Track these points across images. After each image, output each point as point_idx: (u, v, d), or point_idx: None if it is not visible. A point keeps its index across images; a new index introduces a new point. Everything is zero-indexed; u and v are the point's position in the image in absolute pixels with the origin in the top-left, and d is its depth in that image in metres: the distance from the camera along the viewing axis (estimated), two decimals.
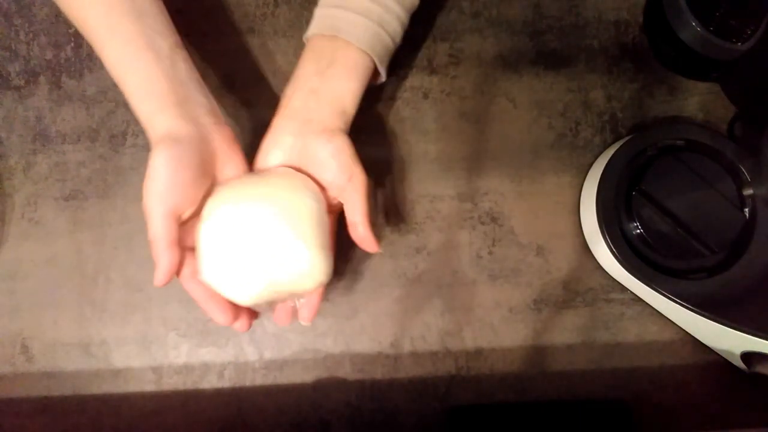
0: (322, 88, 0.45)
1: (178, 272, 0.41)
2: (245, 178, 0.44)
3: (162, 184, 0.39)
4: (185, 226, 0.42)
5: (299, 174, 0.45)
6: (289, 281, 0.41)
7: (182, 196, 0.40)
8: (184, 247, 0.41)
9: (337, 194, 0.45)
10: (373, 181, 0.54)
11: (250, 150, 0.54)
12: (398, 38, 0.48)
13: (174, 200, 0.39)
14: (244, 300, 0.41)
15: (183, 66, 0.42)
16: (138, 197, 0.48)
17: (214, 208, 0.41)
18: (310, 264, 0.41)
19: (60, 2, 0.43)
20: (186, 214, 0.41)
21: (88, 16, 0.41)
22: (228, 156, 0.43)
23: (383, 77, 0.49)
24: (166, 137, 0.40)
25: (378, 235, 0.53)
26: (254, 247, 0.40)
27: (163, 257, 0.39)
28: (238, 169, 0.44)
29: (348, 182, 0.44)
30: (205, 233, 0.41)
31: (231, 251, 0.40)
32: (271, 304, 0.45)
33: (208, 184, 0.42)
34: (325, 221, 0.44)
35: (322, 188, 0.45)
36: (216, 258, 0.40)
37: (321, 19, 0.47)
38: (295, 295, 0.44)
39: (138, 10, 0.41)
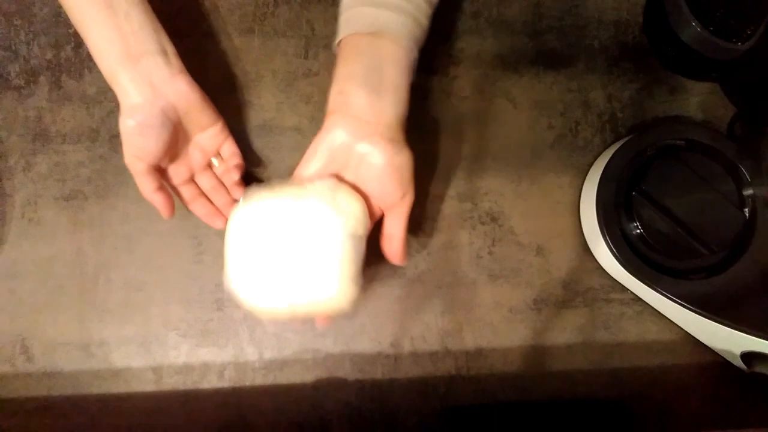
0: (383, 88, 0.43)
1: (173, 208, 0.47)
2: (287, 186, 0.43)
3: (132, 148, 0.45)
4: (170, 170, 0.48)
5: (347, 191, 0.43)
6: (312, 304, 0.42)
7: (152, 153, 0.45)
8: (174, 185, 0.49)
9: (383, 206, 0.46)
10: None
11: (249, 151, 0.54)
12: (427, 34, 0.47)
13: (147, 158, 0.45)
14: (263, 314, 0.43)
15: (137, 17, 0.43)
16: (138, 197, 0.48)
17: (248, 214, 0.42)
18: (337, 293, 0.42)
19: None
20: (163, 163, 0.47)
21: None
22: (186, 104, 0.46)
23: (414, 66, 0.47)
24: (125, 107, 0.44)
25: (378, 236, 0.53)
26: (283, 266, 0.41)
27: (154, 200, 0.46)
28: (198, 111, 0.47)
29: (400, 200, 0.45)
30: (234, 240, 0.42)
31: (259, 265, 0.41)
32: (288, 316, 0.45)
33: (173, 135, 0.46)
34: (362, 248, 0.44)
35: (366, 197, 0.45)
36: (242, 269, 0.42)
37: (356, 18, 0.45)
38: (314, 313, 0.44)
39: None
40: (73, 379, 0.51)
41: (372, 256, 0.53)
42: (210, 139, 0.49)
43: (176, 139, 0.47)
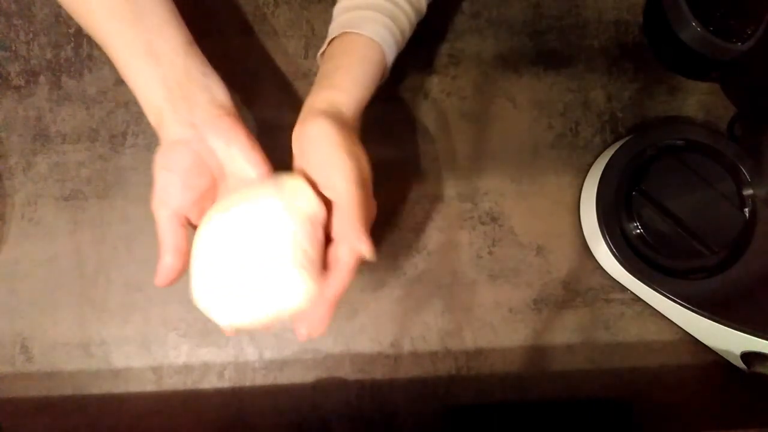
0: (332, 79, 0.43)
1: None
2: (244, 188, 0.41)
3: (159, 187, 0.40)
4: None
5: (289, 175, 0.42)
6: (276, 308, 0.39)
7: (180, 199, 0.40)
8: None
9: (330, 197, 0.41)
10: (374, 181, 0.54)
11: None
12: (406, 33, 0.47)
13: (173, 203, 0.40)
14: (227, 326, 0.39)
15: (182, 62, 0.41)
16: (138, 197, 0.48)
17: (205, 219, 0.40)
18: (290, 288, 0.38)
19: (65, 5, 0.43)
20: (193, 217, 0.41)
21: (91, 20, 0.41)
22: (229, 148, 0.41)
23: (387, 72, 0.47)
24: (164, 144, 0.41)
25: (379, 236, 0.53)
26: (241, 275, 0.38)
27: (162, 259, 0.39)
28: (243, 157, 0.41)
29: (331, 176, 0.40)
30: (196, 256, 0.40)
31: (219, 279, 0.39)
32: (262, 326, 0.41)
33: (209, 183, 0.41)
34: (313, 232, 0.40)
35: (317, 188, 0.41)
36: (201, 277, 0.39)
37: (332, 29, 0.46)
38: (282, 317, 0.40)
39: (139, 12, 0.40)
40: (73, 379, 0.51)
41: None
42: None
43: (213, 193, 0.42)
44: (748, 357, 0.48)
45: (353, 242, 0.39)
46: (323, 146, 0.40)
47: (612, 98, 0.55)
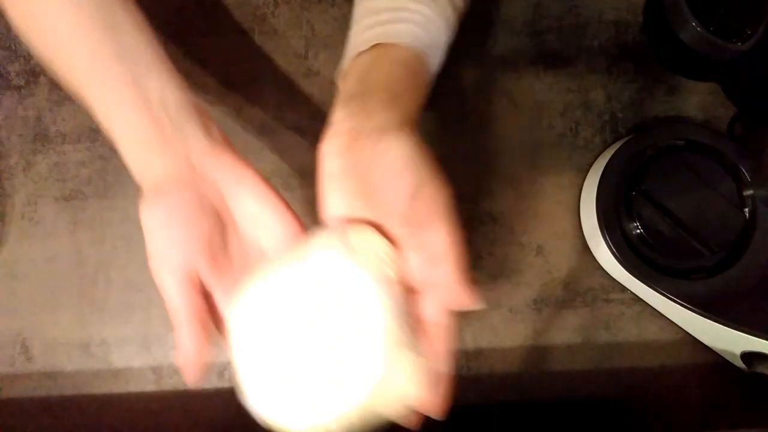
0: (365, 90, 0.35)
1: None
2: (288, 253, 0.33)
3: (157, 245, 0.33)
4: (217, 293, 0.35)
5: (356, 226, 0.33)
6: (364, 404, 0.30)
7: (185, 251, 0.33)
8: (220, 318, 0.35)
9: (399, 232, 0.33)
10: None
11: (249, 151, 0.54)
12: (448, 34, 0.42)
13: (178, 262, 0.33)
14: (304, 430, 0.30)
15: (172, 96, 0.35)
16: (138, 197, 0.47)
17: (248, 306, 0.32)
18: (389, 374, 0.30)
19: (30, 39, 0.36)
20: (204, 273, 0.34)
21: (66, 57, 0.35)
22: (233, 186, 0.35)
23: (433, 69, 0.41)
24: (148, 190, 0.34)
25: None
26: (307, 361, 0.30)
27: (182, 337, 0.33)
28: (252, 197, 0.35)
29: (413, 207, 0.32)
30: (239, 343, 0.32)
31: (276, 371, 0.30)
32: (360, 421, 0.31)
33: (216, 227, 0.35)
34: (399, 295, 0.31)
35: (391, 239, 0.33)
36: (257, 380, 0.31)
37: (355, 44, 0.39)
38: (379, 414, 0.31)
39: (123, 49, 0.35)
40: (73, 379, 0.51)
41: None
42: (275, 243, 0.35)
43: (221, 240, 0.35)
44: (748, 357, 0.48)
45: (456, 296, 0.32)
46: (404, 172, 0.32)
47: (612, 98, 0.55)
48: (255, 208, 0.35)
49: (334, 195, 0.33)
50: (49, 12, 0.34)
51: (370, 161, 0.32)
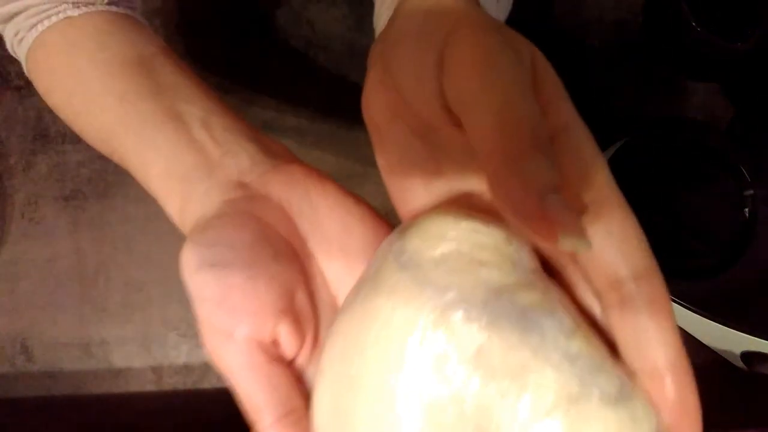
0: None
1: None
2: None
3: (208, 306, 0.23)
4: (300, 359, 0.23)
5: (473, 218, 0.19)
6: None
7: (249, 312, 0.22)
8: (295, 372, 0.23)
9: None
10: (374, 181, 0.54)
11: None
12: None
13: (242, 327, 0.22)
14: None
15: (218, 121, 0.27)
16: (138, 197, 0.47)
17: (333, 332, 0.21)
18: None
19: (57, 101, 0.30)
20: (284, 337, 0.22)
21: (93, 105, 0.29)
22: (308, 202, 0.25)
23: None
24: (193, 230, 0.24)
25: None
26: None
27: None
28: (334, 216, 0.24)
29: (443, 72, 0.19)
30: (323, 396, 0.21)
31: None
32: None
33: (293, 267, 0.23)
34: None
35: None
36: None
37: None
38: None
39: (158, 85, 0.28)
40: (73, 379, 0.51)
41: None
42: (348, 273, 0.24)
43: (302, 283, 0.23)
44: (748, 357, 0.48)
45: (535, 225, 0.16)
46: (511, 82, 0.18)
47: (612, 98, 0.55)
48: (337, 226, 0.24)
49: (393, 158, 0.22)
50: (76, 63, 0.29)
51: (391, 46, 0.21)
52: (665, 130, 0.51)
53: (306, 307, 0.23)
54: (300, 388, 0.22)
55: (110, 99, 0.28)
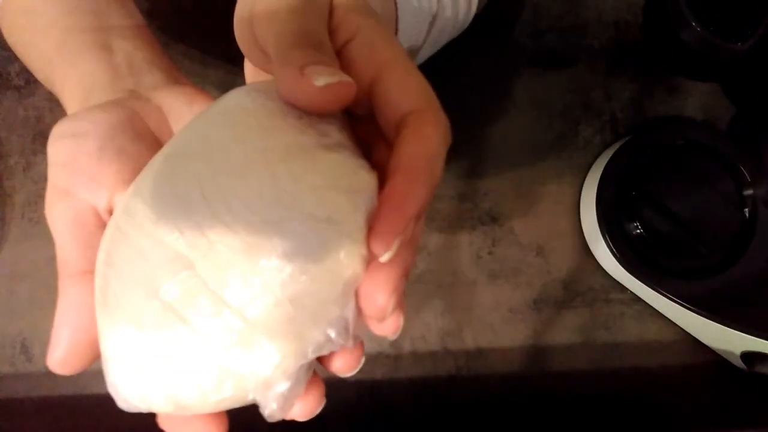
0: None
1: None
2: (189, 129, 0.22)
3: (56, 171, 0.23)
4: None
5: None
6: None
7: (90, 176, 0.23)
8: None
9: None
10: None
11: None
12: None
13: (79, 188, 0.23)
14: (204, 407, 0.22)
15: (142, 56, 0.30)
16: None
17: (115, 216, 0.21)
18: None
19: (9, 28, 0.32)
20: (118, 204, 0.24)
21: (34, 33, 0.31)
22: (186, 103, 0.27)
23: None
24: (76, 112, 0.26)
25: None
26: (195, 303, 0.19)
27: (63, 301, 0.23)
28: (192, 106, 0.28)
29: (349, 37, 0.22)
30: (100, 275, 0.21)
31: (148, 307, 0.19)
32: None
33: (146, 147, 0.25)
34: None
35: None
36: (119, 329, 0.20)
37: None
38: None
39: (100, 24, 0.30)
40: (73, 379, 0.51)
41: None
42: None
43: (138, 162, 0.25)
44: (748, 357, 0.48)
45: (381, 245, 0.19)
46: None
47: (612, 98, 0.55)
48: None
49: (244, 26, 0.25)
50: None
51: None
52: (665, 130, 0.51)
53: None
54: None
55: (55, 31, 0.29)
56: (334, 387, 0.54)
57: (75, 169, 0.23)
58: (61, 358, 0.22)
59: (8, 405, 0.51)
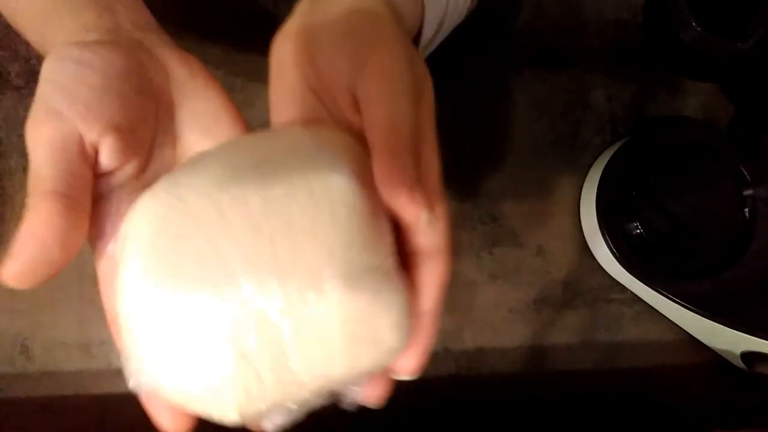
0: None
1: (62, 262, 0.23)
2: (229, 148, 0.24)
3: (52, 88, 0.23)
4: (121, 193, 0.25)
5: (323, 133, 0.24)
6: (317, 367, 0.22)
7: (86, 106, 0.23)
8: (104, 232, 0.26)
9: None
10: None
11: None
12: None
13: (71, 111, 0.22)
14: (232, 418, 0.22)
15: (133, 13, 0.29)
16: None
17: (145, 213, 0.22)
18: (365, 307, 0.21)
19: None
20: (106, 153, 0.23)
21: None
22: (190, 78, 0.28)
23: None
24: (70, 44, 0.25)
25: None
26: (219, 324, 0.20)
27: (28, 220, 0.21)
28: (209, 101, 0.28)
29: (360, 75, 0.23)
30: (128, 305, 0.22)
31: (177, 337, 0.21)
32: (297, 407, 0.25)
33: (146, 108, 0.25)
34: (372, 218, 0.22)
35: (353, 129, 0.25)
36: (154, 349, 0.21)
37: None
38: (344, 384, 0.25)
39: None
40: (73, 379, 0.51)
41: None
42: (211, 139, 0.27)
43: (148, 129, 0.25)
44: (748, 357, 0.48)
45: (398, 203, 0.21)
46: (350, 36, 0.24)
47: (612, 98, 0.55)
48: (202, 105, 0.27)
49: (285, 89, 0.26)
50: None
51: (324, 39, 0.25)
52: (665, 130, 0.51)
53: (144, 143, 0.25)
54: (91, 193, 0.23)
55: None
56: None
57: (74, 96, 0.23)
58: (18, 270, 0.21)
59: (8, 405, 0.51)
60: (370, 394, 0.28)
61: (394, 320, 0.22)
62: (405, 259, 0.24)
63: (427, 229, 0.22)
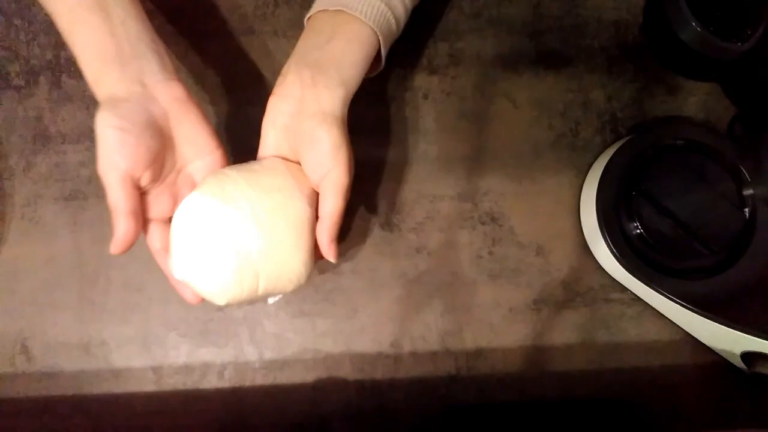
0: (320, 60, 0.42)
1: (134, 239, 0.40)
2: (234, 171, 0.42)
3: (108, 148, 0.38)
4: (150, 196, 0.42)
5: (292, 169, 0.44)
6: (269, 284, 0.42)
7: (132, 159, 0.39)
8: (148, 218, 0.42)
9: (315, 181, 0.44)
10: (373, 182, 0.54)
11: (249, 151, 0.54)
12: (401, 24, 0.47)
13: (125, 164, 0.39)
14: (219, 301, 0.41)
15: (134, 26, 0.40)
16: None
17: (193, 202, 0.40)
18: (291, 268, 0.42)
19: None
20: (144, 180, 0.40)
21: None
22: (181, 113, 0.42)
23: (382, 64, 0.47)
24: (107, 101, 0.39)
25: (368, 233, 0.53)
26: (234, 248, 0.40)
27: (119, 225, 0.39)
28: (194, 127, 0.42)
29: (323, 179, 0.43)
30: (180, 227, 0.40)
31: (209, 251, 0.40)
32: (249, 302, 0.44)
33: (160, 145, 0.41)
34: (314, 221, 0.43)
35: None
36: (190, 256, 0.40)
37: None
38: (271, 295, 0.44)
39: None
40: (73, 379, 0.51)
41: (370, 256, 0.53)
42: (204, 170, 0.43)
43: (162, 156, 0.41)
44: (748, 357, 0.48)
45: (324, 250, 0.43)
46: (327, 156, 0.42)
47: (612, 98, 0.55)
48: (193, 135, 0.42)
49: (273, 138, 0.44)
50: None
51: (306, 139, 0.42)
52: (665, 130, 0.51)
53: (161, 166, 0.42)
54: (144, 207, 0.41)
55: None
56: (335, 387, 0.54)
57: (123, 154, 0.39)
58: (120, 247, 0.39)
59: (8, 405, 0.51)
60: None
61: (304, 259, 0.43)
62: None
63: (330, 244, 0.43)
